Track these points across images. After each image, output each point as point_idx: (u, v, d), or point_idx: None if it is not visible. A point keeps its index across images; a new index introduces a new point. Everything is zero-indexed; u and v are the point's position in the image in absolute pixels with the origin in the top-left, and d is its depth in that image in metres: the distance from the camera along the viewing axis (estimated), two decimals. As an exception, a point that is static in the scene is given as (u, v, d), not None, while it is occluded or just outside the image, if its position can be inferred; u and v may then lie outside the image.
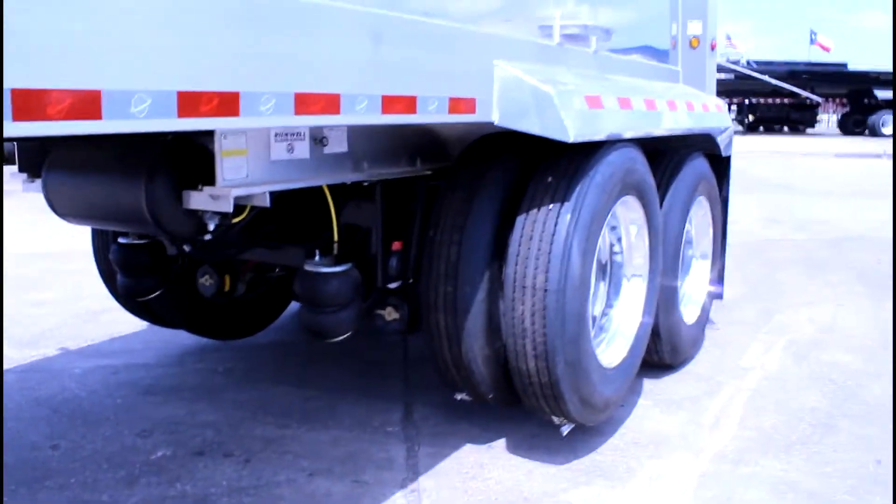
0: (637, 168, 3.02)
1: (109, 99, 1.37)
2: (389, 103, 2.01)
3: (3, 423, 3.24)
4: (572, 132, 2.48)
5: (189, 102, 1.50)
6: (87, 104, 1.34)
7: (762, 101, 32.62)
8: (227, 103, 1.57)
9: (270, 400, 3.56)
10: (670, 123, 3.39)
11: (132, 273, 3.19)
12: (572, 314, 2.65)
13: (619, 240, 3.29)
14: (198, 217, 2.43)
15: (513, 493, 2.75)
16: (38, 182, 2.71)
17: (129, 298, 3.36)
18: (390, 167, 2.86)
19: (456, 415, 3.34)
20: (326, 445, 3.12)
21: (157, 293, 3.27)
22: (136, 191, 2.36)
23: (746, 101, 33.00)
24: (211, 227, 2.45)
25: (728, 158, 4.30)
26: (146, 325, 4.34)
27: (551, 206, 2.65)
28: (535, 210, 2.67)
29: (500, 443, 3.14)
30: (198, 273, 3.36)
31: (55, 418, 3.35)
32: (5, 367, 3.93)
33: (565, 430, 2.96)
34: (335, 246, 2.76)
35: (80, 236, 4.11)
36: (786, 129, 33.79)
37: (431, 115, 2.18)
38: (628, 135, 2.92)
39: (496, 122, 2.48)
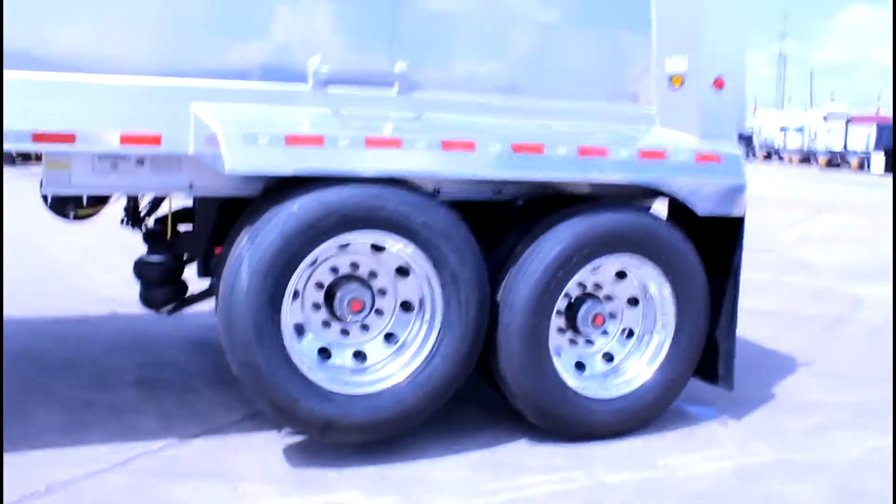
0: (384, 206, 3.12)
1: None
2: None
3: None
4: (230, 164, 2.95)
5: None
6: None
7: None
8: None
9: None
10: (493, 167, 3.28)
11: None
12: (240, 321, 3.05)
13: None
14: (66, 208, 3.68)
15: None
16: None
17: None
18: (228, 190, 3.56)
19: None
20: (229, 426, 3.73)
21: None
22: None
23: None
24: (70, 216, 3.67)
25: (731, 221, 3.57)
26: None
27: (249, 226, 3.12)
28: (244, 229, 3.16)
29: (327, 454, 3.37)
30: None
31: (138, 346, 4.90)
32: (188, 313, 5.65)
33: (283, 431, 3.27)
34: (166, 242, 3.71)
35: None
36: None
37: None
38: (346, 172, 3.09)
39: (191, 154, 3.09)
